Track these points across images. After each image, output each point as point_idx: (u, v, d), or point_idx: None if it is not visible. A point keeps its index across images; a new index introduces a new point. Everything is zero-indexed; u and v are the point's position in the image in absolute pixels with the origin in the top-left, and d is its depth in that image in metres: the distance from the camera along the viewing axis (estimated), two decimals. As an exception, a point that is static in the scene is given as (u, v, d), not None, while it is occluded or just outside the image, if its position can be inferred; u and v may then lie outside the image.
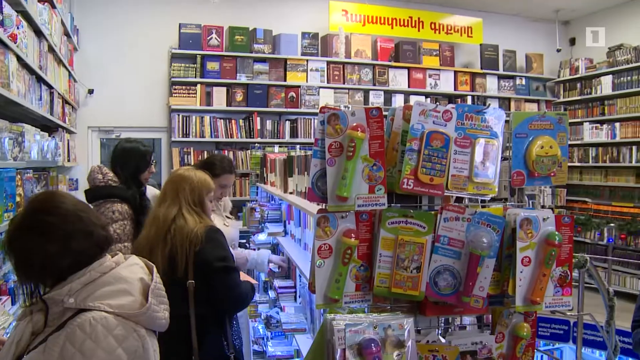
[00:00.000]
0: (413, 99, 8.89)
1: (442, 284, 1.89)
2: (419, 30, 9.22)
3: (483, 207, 1.99)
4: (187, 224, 2.78)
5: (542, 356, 3.84)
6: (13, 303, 3.28)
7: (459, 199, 2.08)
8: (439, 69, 9.34)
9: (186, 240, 2.72)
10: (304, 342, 3.49)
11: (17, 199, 3.41)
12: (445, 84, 9.36)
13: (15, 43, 3.79)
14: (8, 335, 1.79)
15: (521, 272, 1.90)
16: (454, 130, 1.91)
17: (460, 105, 1.95)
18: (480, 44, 9.60)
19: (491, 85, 9.63)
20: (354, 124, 1.81)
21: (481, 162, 1.92)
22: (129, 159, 3.85)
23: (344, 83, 8.81)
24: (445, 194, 1.94)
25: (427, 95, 9.21)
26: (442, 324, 2.07)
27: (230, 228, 3.84)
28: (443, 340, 1.96)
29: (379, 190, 1.83)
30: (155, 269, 1.85)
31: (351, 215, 1.86)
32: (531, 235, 1.91)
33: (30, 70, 4.50)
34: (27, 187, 3.82)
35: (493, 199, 2.02)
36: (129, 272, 1.76)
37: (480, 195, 1.95)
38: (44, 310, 1.69)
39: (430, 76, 9.30)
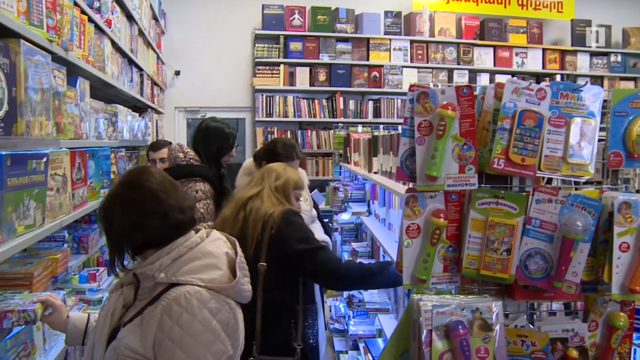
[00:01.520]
0: (498, 79, 8.63)
1: (533, 267, 1.83)
2: (505, 7, 8.91)
3: (576, 189, 1.92)
4: (264, 205, 2.71)
5: (635, 349, 3.68)
6: (109, 274, 3.45)
7: (549, 181, 2.01)
8: (527, 47, 8.99)
9: (260, 221, 2.64)
10: (387, 322, 3.50)
11: (112, 176, 3.57)
12: (533, 62, 9.02)
13: (110, 28, 3.94)
14: (102, 304, 1.88)
15: (618, 258, 1.81)
16: (548, 109, 1.84)
17: (555, 82, 1.87)
18: (572, 20, 9.16)
19: (582, 63, 9.19)
20: (444, 102, 1.77)
21: (577, 143, 1.84)
22: (212, 139, 3.80)
23: (427, 62, 8.65)
24: (537, 175, 1.88)
25: (513, 74, 8.90)
26: (527, 309, 2.02)
27: None
28: (531, 326, 1.91)
29: (469, 170, 1.79)
30: (237, 243, 1.89)
31: (440, 195, 1.83)
32: (631, 220, 1.81)
33: (123, 54, 4.66)
34: (120, 165, 3.98)
35: (586, 182, 1.94)
36: (214, 246, 1.80)
37: (575, 177, 1.87)
38: (134, 284, 1.77)
39: (517, 54, 8.98)
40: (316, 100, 8.35)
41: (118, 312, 1.76)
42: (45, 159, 2.14)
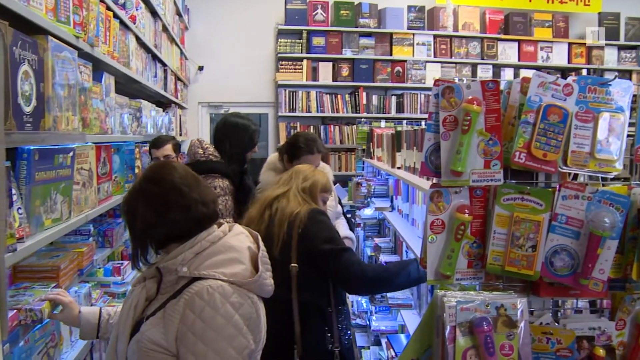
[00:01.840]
0: (523, 73, 8.53)
1: (559, 264, 1.81)
2: (530, 0, 8.78)
3: (604, 185, 1.89)
4: (290, 204, 2.68)
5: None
6: (133, 268, 3.48)
7: (575, 176, 1.98)
8: (552, 41, 8.88)
9: (286, 221, 2.62)
10: (410, 318, 3.49)
11: (136, 170, 3.60)
12: (558, 57, 8.90)
13: (134, 24, 3.97)
14: (125, 297, 1.90)
15: (648, 255, 1.79)
16: (575, 104, 1.82)
17: (582, 77, 1.84)
18: (599, 13, 8.99)
19: (610, 57, 9.03)
20: (470, 97, 1.76)
21: (605, 138, 1.82)
22: (237, 135, 3.77)
23: (451, 57, 8.59)
24: (562, 170, 1.85)
25: (538, 69, 8.79)
26: (551, 307, 1.99)
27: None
28: (557, 324, 1.89)
29: (494, 165, 1.78)
30: (260, 238, 1.90)
31: (465, 191, 1.81)
32: (660, 216, 1.78)
33: (147, 49, 4.70)
34: (144, 160, 4.02)
35: (614, 178, 1.91)
36: (237, 241, 1.81)
37: (603, 172, 1.84)
38: (157, 278, 1.79)
39: (542, 49, 8.86)
40: (339, 96, 8.34)
41: (141, 305, 1.78)
42: (71, 154, 2.17)
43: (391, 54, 8.40)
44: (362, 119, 7.65)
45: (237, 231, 1.86)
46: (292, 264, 2.58)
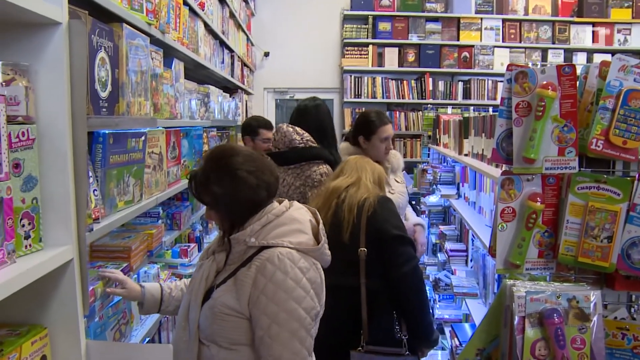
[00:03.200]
0: (597, 58, 8.20)
1: (637, 257, 1.74)
2: (607, -21, 8.41)
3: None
4: (359, 191, 2.68)
5: None
6: (199, 250, 3.56)
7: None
8: (631, 23, 8.42)
9: (355, 206, 2.61)
10: (475, 307, 3.43)
11: (204, 155, 3.65)
12: (637, 39, 8.45)
13: (203, 10, 4.03)
14: (195, 270, 1.99)
15: None
16: (658, 89, 1.73)
17: (666, 60, 1.76)
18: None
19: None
20: (544, 82, 1.71)
21: (689, 125, 1.73)
22: (330, 118, 3.76)
23: (520, 42, 8.33)
24: (640, 159, 1.78)
25: (613, 53, 8.39)
26: (626, 301, 1.92)
27: (396, 195, 3.39)
28: (634, 319, 1.82)
29: (569, 152, 1.72)
30: (317, 212, 2.00)
31: (537, 178, 1.77)
32: None
33: (214, 35, 4.76)
34: (212, 144, 4.08)
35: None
36: (299, 214, 1.92)
37: (686, 161, 1.76)
38: (226, 250, 1.90)
39: (619, 31, 8.45)
40: (405, 81, 8.25)
41: (211, 277, 1.88)
42: (143, 138, 2.22)
43: (458, 39, 8.23)
44: (428, 105, 7.54)
45: (297, 206, 1.97)
46: (361, 248, 2.56)
